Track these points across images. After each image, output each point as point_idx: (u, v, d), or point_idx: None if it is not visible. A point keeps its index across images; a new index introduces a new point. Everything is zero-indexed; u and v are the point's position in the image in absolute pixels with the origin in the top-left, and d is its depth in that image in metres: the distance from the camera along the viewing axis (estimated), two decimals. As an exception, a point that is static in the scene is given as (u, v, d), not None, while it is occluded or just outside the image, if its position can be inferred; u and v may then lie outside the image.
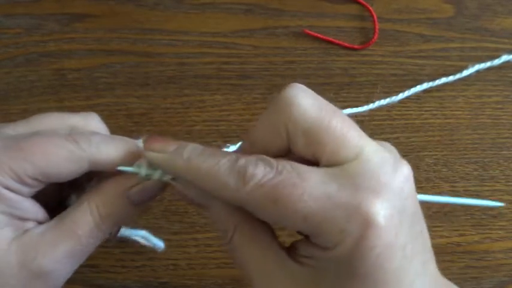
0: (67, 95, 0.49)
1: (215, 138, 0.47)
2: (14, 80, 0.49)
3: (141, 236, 0.41)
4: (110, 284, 0.42)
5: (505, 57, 0.52)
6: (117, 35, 0.52)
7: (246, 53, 0.52)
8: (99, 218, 0.28)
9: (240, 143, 0.40)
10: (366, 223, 0.23)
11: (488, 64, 0.51)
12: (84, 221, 0.28)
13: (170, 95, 0.49)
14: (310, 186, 0.24)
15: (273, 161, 0.25)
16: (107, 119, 0.48)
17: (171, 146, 0.27)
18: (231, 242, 0.27)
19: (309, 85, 0.26)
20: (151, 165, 0.29)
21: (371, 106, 0.47)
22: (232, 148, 0.43)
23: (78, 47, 0.51)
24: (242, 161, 0.25)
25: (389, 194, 0.24)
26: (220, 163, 0.25)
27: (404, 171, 0.25)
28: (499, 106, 0.51)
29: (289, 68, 0.51)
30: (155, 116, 0.48)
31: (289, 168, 0.24)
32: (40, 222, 0.29)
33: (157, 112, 0.48)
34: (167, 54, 0.51)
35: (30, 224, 0.28)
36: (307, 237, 0.26)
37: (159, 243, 0.42)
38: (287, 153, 0.27)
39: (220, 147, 0.46)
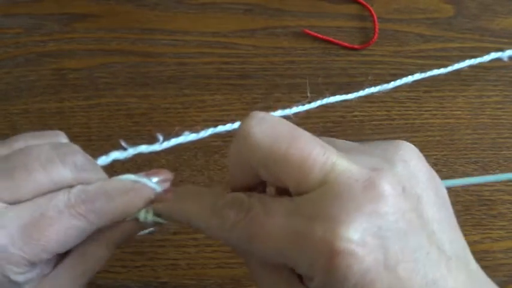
0: (67, 95, 0.49)
1: (215, 138, 0.47)
2: (14, 80, 0.49)
3: None
4: (110, 284, 0.42)
5: (493, 54, 0.51)
6: (117, 35, 0.52)
7: (246, 53, 0.52)
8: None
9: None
10: (332, 253, 0.21)
11: (478, 60, 0.51)
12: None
13: (170, 95, 0.49)
14: (275, 224, 0.23)
15: (245, 199, 0.25)
16: (107, 119, 0.49)
17: (171, 194, 0.30)
18: (248, 266, 0.27)
19: (309, 85, 0.26)
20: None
21: (360, 93, 0.46)
22: (193, 136, 0.40)
23: (78, 47, 0.51)
24: (219, 203, 0.26)
25: (359, 218, 0.21)
26: (205, 205, 0.26)
27: (380, 188, 0.22)
28: (499, 106, 0.51)
29: (289, 68, 0.51)
30: (155, 116, 0.48)
31: (257, 205, 0.24)
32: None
33: (157, 112, 0.48)
34: (167, 54, 0.51)
35: (44, 269, 0.28)
36: None
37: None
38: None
39: (220, 147, 0.47)
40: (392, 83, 0.48)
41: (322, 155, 0.23)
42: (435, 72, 0.49)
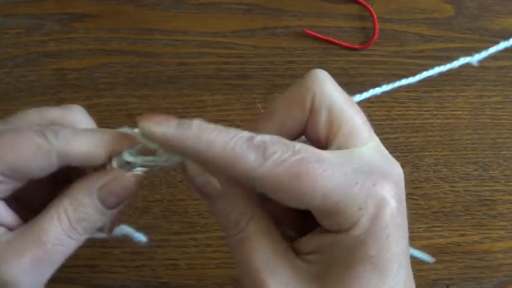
0: (67, 95, 0.49)
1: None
2: (14, 80, 0.49)
3: (123, 232, 0.38)
4: (110, 284, 0.42)
5: (462, 60, 0.51)
6: (117, 35, 0.52)
7: (246, 53, 0.52)
8: (68, 224, 0.26)
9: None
10: (381, 202, 0.24)
11: (447, 66, 0.51)
12: (51, 227, 0.26)
13: (170, 95, 0.49)
14: (331, 164, 0.24)
15: (288, 141, 0.25)
16: (106, 119, 0.49)
17: (174, 120, 0.26)
18: (243, 231, 0.26)
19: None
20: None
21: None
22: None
23: (78, 47, 0.51)
24: (259, 138, 0.24)
25: (394, 182, 0.25)
26: (237, 137, 0.24)
27: (399, 169, 0.26)
28: (499, 106, 0.51)
29: (289, 68, 0.51)
30: (155, 116, 0.48)
31: (306, 148, 0.25)
32: (11, 229, 0.27)
33: (157, 112, 0.48)
34: (167, 54, 0.51)
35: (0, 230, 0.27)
36: (314, 226, 0.26)
37: (141, 238, 0.39)
38: (298, 137, 0.27)
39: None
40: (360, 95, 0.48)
41: (368, 125, 0.28)
42: (403, 81, 0.49)
